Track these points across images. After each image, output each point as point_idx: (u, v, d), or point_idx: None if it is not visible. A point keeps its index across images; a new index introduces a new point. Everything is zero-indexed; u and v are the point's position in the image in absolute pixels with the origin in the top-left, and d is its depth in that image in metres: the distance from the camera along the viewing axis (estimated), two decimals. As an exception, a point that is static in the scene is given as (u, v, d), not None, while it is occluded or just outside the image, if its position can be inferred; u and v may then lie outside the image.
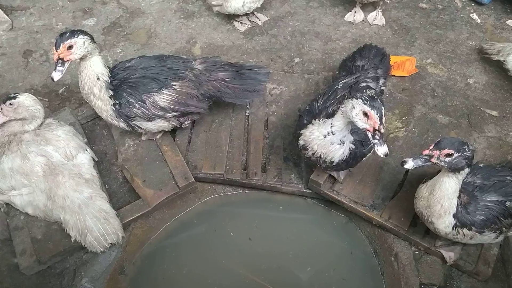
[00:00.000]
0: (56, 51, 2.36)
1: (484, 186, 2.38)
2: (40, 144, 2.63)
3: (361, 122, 2.12)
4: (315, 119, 2.45)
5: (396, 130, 3.09)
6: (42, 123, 2.73)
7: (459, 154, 2.06)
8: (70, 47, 2.36)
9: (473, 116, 3.28)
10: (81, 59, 2.46)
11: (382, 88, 2.93)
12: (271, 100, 3.29)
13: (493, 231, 2.37)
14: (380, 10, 3.94)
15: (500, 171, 2.42)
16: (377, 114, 2.07)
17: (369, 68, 2.92)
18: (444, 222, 2.31)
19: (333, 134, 2.34)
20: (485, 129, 3.20)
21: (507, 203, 2.32)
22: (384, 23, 3.91)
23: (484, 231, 2.35)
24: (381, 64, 2.99)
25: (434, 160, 2.10)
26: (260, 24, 3.92)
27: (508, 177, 2.38)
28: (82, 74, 2.53)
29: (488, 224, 2.33)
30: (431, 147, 2.11)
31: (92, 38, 2.45)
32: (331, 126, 2.33)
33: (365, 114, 2.08)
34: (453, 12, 4.03)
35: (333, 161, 2.47)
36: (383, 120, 2.08)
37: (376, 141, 2.11)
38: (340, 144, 2.38)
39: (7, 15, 3.87)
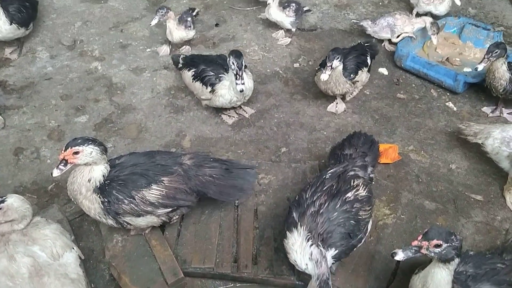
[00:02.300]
0: (63, 152, 2.48)
1: (477, 275, 2.37)
2: (27, 244, 2.59)
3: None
4: (301, 223, 2.49)
5: (385, 217, 3.12)
6: (30, 221, 2.71)
7: (448, 244, 2.09)
8: (76, 153, 2.47)
9: (459, 201, 3.34)
10: (85, 164, 2.54)
11: (371, 175, 2.98)
12: (260, 189, 3.33)
13: (489, 321, 2.32)
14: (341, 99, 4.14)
15: (490, 259, 2.43)
16: None
17: (357, 156, 2.98)
18: None
19: (308, 267, 2.42)
20: (472, 214, 3.24)
21: None
22: (344, 109, 4.09)
23: (481, 320, 2.30)
24: (370, 151, 3.06)
25: (423, 251, 2.13)
26: (247, 116, 4.07)
27: (498, 265, 2.38)
28: (76, 170, 2.59)
29: (485, 315, 2.29)
30: (419, 238, 2.14)
31: (103, 150, 2.56)
32: (307, 264, 2.41)
33: None
34: (430, 101, 4.25)
35: None
36: None
37: None
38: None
39: (0, 114, 3.98)
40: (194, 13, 4.89)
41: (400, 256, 2.14)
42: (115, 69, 4.56)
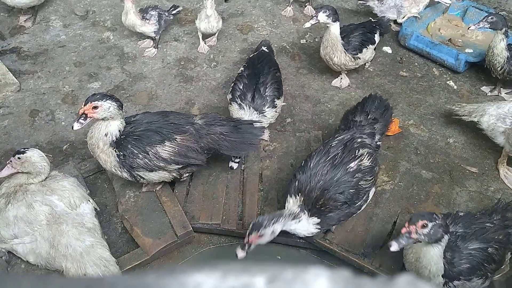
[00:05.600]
0: (83, 106, 2.62)
1: (466, 235, 2.51)
2: (45, 194, 2.76)
3: None
4: (300, 193, 2.67)
5: (383, 184, 3.28)
6: (47, 177, 2.87)
7: (433, 223, 2.18)
8: (95, 107, 2.62)
9: (455, 172, 3.49)
10: (103, 118, 2.69)
11: (378, 143, 3.05)
12: (265, 155, 3.49)
13: (479, 277, 2.48)
14: (345, 72, 4.25)
15: (479, 219, 2.58)
16: None
17: (366, 124, 3.04)
18: (434, 283, 2.41)
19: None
20: (466, 184, 3.40)
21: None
22: (348, 84, 4.23)
23: (472, 278, 2.46)
24: (382, 117, 3.11)
25: (414, 235, 2.19)
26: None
27: (487, 224, 2.54)
28: (95, 126, 2.75)
29: (474, 271, 2.45)
30: (407, 225, 2.23)
31: (119, 105, 2.71)
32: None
33: None
34: (431, 79, 4.39)
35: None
36: None
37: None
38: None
39: (16, 78, 4.12)
40: (175, 11, 4.64)
41: (394, 247, 2.18)
42: (126, 39, 4.69)
